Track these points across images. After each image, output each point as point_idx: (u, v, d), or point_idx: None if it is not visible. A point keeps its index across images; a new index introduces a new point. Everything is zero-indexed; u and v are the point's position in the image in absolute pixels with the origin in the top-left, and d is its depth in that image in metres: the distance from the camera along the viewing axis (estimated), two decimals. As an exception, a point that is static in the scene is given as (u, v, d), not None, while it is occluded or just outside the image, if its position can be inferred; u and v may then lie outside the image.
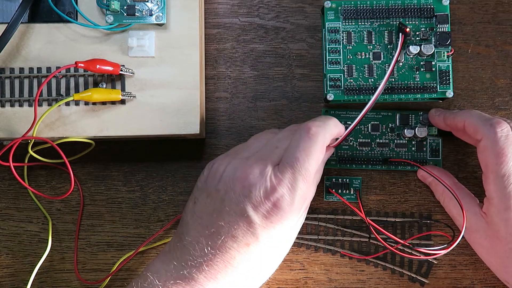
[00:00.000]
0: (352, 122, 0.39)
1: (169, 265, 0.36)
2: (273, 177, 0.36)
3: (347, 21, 0.43)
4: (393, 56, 0.42)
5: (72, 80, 0.42)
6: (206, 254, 0.35)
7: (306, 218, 0.45)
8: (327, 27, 0.43)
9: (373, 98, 0.40)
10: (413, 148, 0.45)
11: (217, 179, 0.37)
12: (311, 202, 0.45)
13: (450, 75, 0.43)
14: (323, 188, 0.45)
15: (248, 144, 0.40)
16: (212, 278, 0.35)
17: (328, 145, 0.39)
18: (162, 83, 0.42)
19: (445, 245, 0.41)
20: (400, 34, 0.42)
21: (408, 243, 0.43)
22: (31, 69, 0.42)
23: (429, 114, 0.44)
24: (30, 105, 0.42)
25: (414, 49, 0.42)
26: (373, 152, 0.45)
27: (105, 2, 0.42)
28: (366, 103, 0.39)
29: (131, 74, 0.42)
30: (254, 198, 0.35)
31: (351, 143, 0.45)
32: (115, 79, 0.42)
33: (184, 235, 0.37)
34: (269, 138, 0.40)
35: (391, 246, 0.42)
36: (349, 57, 0.43)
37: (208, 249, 0.35)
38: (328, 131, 0.38)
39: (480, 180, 0.45)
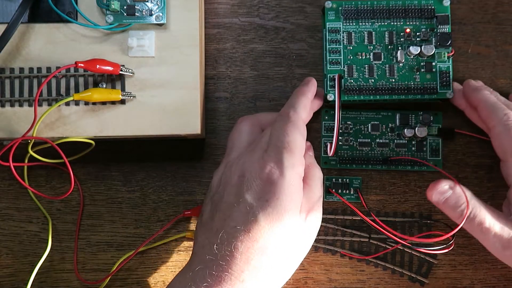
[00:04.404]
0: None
1: (184, 276, 0.36)
2: (261, 159, 0.37)
3: (347, 21, 0.43)
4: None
5: (72, 80, 0.42)
6: (213, 253, 0.35)
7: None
8: (328, 27, 0.43)
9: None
10: (413, 148, 0.45)
11: (215, 186, 0.39)
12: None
13: (451, 76, 0.43)
14: (323, 188, 0.45)
15: (229, 146, 0.41)
16: (220, 278, 0.34)
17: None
18: (162, 83, 0.42)
19: (445, 245, 0.41)
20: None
21: (408, 243, 0.43)
22: (31, 69, 0.42)
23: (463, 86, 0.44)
24: (30, 105, 0.42)
25: (414, 50, 0.42)
26: (373, 152, 0.45)
27: (105, 2, 0.41)
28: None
29: (131, 74, 0.42)
30: (247, 181, 0.36)
31: (351, 143, 0.45)
32: (115, 79, 0.42)
33: (194, 248, 0.38)
34: (252, 136, 0.41)
35: (391, 246, 0.42)
36: (350, 57, 0.43)
37: (214, 247, 0.35)
38: (302, 109, 0.40)
39: (480, 180, 0.45)
